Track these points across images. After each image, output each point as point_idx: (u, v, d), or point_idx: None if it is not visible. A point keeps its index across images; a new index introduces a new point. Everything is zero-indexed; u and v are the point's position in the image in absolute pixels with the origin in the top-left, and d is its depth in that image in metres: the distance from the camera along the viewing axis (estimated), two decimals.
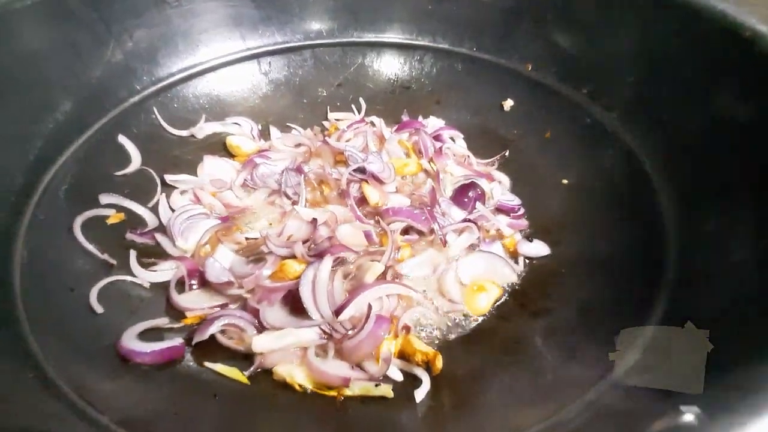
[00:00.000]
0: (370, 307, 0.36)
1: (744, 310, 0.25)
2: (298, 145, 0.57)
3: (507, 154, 0.55)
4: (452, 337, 0.37)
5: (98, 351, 0.31)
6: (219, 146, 0.56)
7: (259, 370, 0.34)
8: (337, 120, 0.62)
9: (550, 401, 0.27)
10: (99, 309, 0.34)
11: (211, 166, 0.52)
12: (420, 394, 0.32)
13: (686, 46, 0.39)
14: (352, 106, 0.63)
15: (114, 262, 0.38)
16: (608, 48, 0.46)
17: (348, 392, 0.32)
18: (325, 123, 0.62)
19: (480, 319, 0.39)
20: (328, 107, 0.63)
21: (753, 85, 0.32)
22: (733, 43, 0.34)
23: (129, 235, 0.41)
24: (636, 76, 0.44)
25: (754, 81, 0.32)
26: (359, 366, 0.34)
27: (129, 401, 0.26)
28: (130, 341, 0.31)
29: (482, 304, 0.39)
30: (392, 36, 0.63)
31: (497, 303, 0.40)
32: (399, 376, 0.34)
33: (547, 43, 0.53)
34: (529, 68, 0.56)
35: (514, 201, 0.49)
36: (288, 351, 0.34)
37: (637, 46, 0.43)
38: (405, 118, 0.62)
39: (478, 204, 0.46)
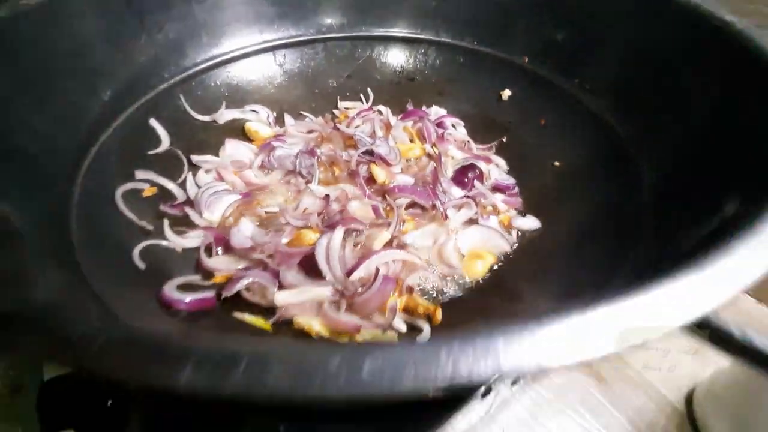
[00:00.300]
0: (377, 269, 0.41)
1: None
2: (311, 131, 0.62)
3: (504, 139, 0.60)
4: (450, 295, 0.42)
5: (143, 299, 0.35)
6: (238, 131, 0.60)
7: (280, 320, 0.39)
8: (347, 108, 0.66)
9: None
10: (141, 266, 0.39)
11: (232, 148, 0.57)
12: (421, 340, 0.36)
13: (663, 38, 0.43)
14: (361, 95, 0.67)
15: (151, 228, 0.43)
16: (596, 42, 0.51)
17: (358, 338, 0.37)
18: (336, 111, 0.67)
19: (476, 282, 0.44)
20: (338, 97, 0.68)
21: (720, 70, 0.36)
22: (704, 31, 0.38)
23: (162, 207, 0.46)
24: (620, 66, 0.48)
25: (720, 66, 0.36)
26: (368, 318, 0.39)
27: None
28: (171, 291, 0.36)
29: (478, 269, 0.44)
30: (398, 31, 0.67)
31: (492, 268, 0.45)
32: (403, 327, 0.39)
33: (541, 38, 0.57)
34: (526, 61, 0.60)
35: (510, 180, 0.53)
36: (306, 305, 0.39)
37: (621, 39, 0.47)
38: (410, 107, 0.66)
39: (477, 182, 0.51)
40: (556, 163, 0.53)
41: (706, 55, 0.37)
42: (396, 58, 0.69)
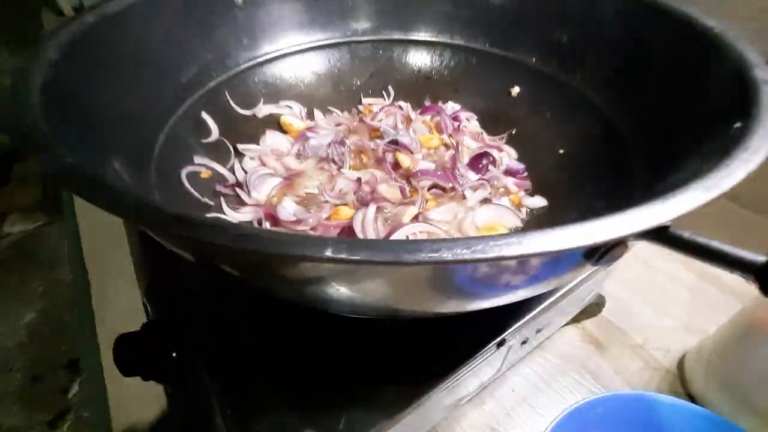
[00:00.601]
0: (408, 238, 0.47)
1: None
2: (339, 124, 0.69)
3: (514, 131, 0.67)
4: None
5: None
6: (275, 124, 0.68)
7: None
8: (370, 104, 0.73)
9: None
10: None
11: (271, 138, 0.64)
12: None
13: (655, 41, 0.49)
14: (383, 93, 0.75)
15: (212, 203, 0.50)
16: (595, 43, 0.57)
17: None
18: (359, 107, 0.74)
19: None
20: (362, 94, 0.75)
21: (702, 68, 0.43)
22: (687, 34, 0.45)
23: (217, 187, 0.53)
24: (616, 64, 0.55)
25: (703, 53, 0.42)
26: None
27: None
28: None
29: None
30: (417, 34, 0.74)
31: None
32: None
33: (547, 40, 0.64)
34: (533, 60, 0.67)
35: (520, 166, 0.60)
36: None
37: (619, 40, 0.54)
38: (427, 102, 0.73)
39: (491, 167, 0.58)
40: (561, 151, 0.59)
41: (686, 55, 0.44)
42: (414, 58, 0.76)
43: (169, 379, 0.51)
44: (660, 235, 0.21)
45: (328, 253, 0.18)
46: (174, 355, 0.47)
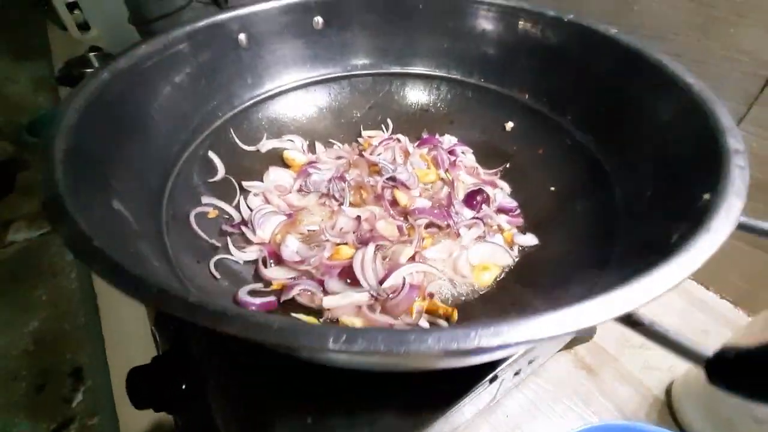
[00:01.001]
0: (404, 279, 0.50)
1: None
2: (339, 158, 0.72)
3: (508, 165, 0.69)
4: (464, 299, 0.52)
5: (224, 301, 0.45)
6: (278, 158, 0.70)
7: (328, 320, 0.48)
8: (370, 137, 0.76)
9: None
10: (217, 275, 0.49)
11: (275, 174, 0.67)
12: None
13: (638, 92, 0.52)
14: (382, 125, 0.77)
15: (219, 245, 0.53)
16: (585, 86, 0.60)
17: None
18: (359, 139, 0.77)
19: (484, 289, 0.53)
20: (362, 126, 0.78)
21: (678, 126, 0.45)
22: (667, 87, 0.47)
23: (224, 227, 0.56)
24: (604, 110, 0.57)
25: (681, 110, 0.45)
26: (399, 318, 0.48)
27: None
28: (244, 295, 0.46)
29: (486, 279, 0.53)
30: (414, 68, 0.77)
31: (498, 278, 0.54)
32: (426, 325, 0.48)
33: (539, 79, 0.67)
34: (526, 97, 0.70)
35: (512, 203, 0.63)
36: (348, 307, 0.49)
37: (605, 87, 0.57)
38: (425, 135, 0.76)
39: (484, 206, 0.60)
40: (552, 188, 0.62)
41: (665, 110, 0.46)
42: (412, 91, 0.79)
43: (179, 411, 0.54)
44: (624, 319, 0.24)
45: (330, 344, 0.21)
46: (183, 387, 0.50)
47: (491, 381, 0.49)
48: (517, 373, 0.56)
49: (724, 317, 0.74)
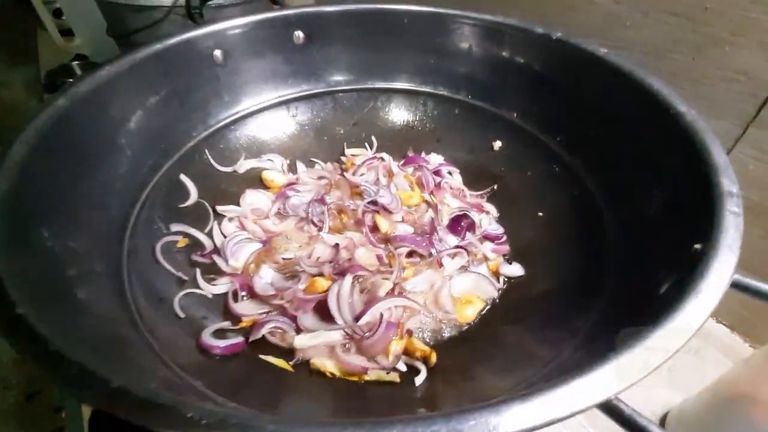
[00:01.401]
0: (381, 315, 0.47)
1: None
2: (321, 178, 0.69)
3: (495, 187, 0.67)
4: (445, 337, 0.49)
5: (183, 343, 0.42)
6: (256, 179, 0.68)
7: (299, 361, 0.45)
8: (353, 155, 0.73)
9: (523, 369, 0.38)
10: (181, 314, 0.46)
11: (252, 197, 0.64)
12: (419, 380, 0.43)
13: (630, 119, 0.49)
14: (365, 143, 0.75)
15: (186, 278, 0.50)
16: (574, 108, 0.57)
17: (366, 377, 0.43)
18: (343, 158, 0.74)
19: (467, 325, 0.50)
20: (345, 143, 0.75)
21: (671, 142, 0.43)
22: (656, 113, 0.45)
23: (194, 257, 0.53)
24: (595, 131, 0.55)
25: (671, 140, 0.42)
26: (374, 359, 0.45)
27: (208, 377, 0.37)
28: (208, 338, 0.43)
29: (469, 314, 0.50)
30: (400, 84, 0.74)
31: (481, 313, 0.51)
32: (403, 367, 0.45)
33: (528, 99, 0.64)
34: (515, 116, 0.67)
35: (499, 230, 0.60)
36: (320, 347, 0.46)
37: (595, 110, 0.54)
38: (410, 153, 0.73)
39: (468, 234, 0.57)
40: (540, 214, 0.59)
41: (657, 140, 0.44)
42: (397, 108, 0.76)
43: None
44: (602, 406, 0.21)
45: None
46: None
47: None
48: None
49: (719, 341, 0.71)
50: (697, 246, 0.30)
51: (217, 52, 0.62)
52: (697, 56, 0.62)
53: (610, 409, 0.21)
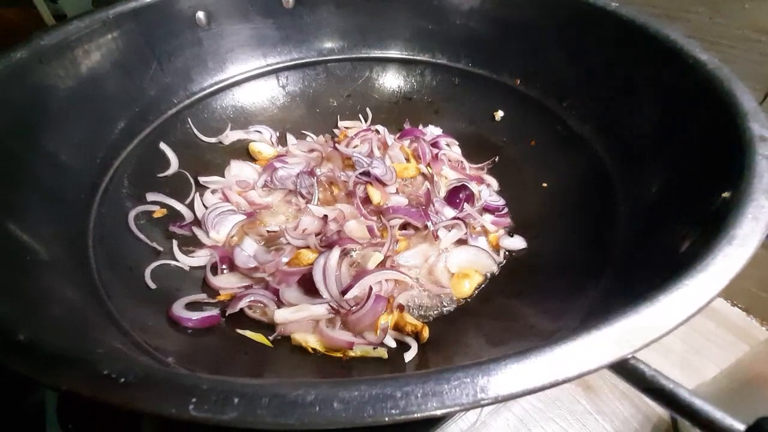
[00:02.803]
0: (371, 288, 0.44)
1: None
2: (312, 151, 0.65)
3: (496, 159, 0.63)
4: (439, 313, 0.45)
5: (154, 316, 0.39)
6: (243, 151, 0.64)
7: (279, 336, 0.42)
8: (347, 128, 0.69)
9: (524, 341, 0.34)
10: (152, 285, 0.42)
11: (237, 168, 0.60)
12: (409, 356, 0.39)
13: (645, 72, 0.45)
14: (360, 115, 0.71)
15: (161, 249, 0.47)
16: (584, 68, 0.53)
17: (351, 353, 0.40)
18: (335, 130, 0.70)
19: (463, 300, 0.46)
20: (338, 116, 0.71)
21: (692, 110, 0.38)
22: (676, 65, 0.40)
23: (171, 228, 0.50)
24: (605, 93, 0.50)
25: (694, 91, 0.38)
26: (361, 335, 0.42)
27: (180, 352, 0.34)
28: (179, 310, 0.39)
29: (466, 288, 0.46)
30: (396, 52, 0.70)
31: (479, 288, 0.47)
32: (392, 343, 0.41)
33: (532, 62, 0.59)
34: (518, 83, 0.62)
35: (499, 202, 0.56)
36: (303, 322, 0.42)
37: (607, 68, 0.50)
38: (407, 126, 0.69)
39: (466, 205, 0.53)
40: (544, 185, 0.55)
41: (676, 93, 0.39)
42: (394, 78, 0.72)
43: None
44: (615, 366, 0.17)
45: (190, 410, 0.14)
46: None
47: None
48: None
49: (735, 326, 0.67)
50: (726, 194, 0.26)
51: (200, 14, 0.58)
52: (714, 15, 0.57)
53: (628, 371, 0.17)
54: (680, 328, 0.56)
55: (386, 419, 0.15)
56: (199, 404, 0.15)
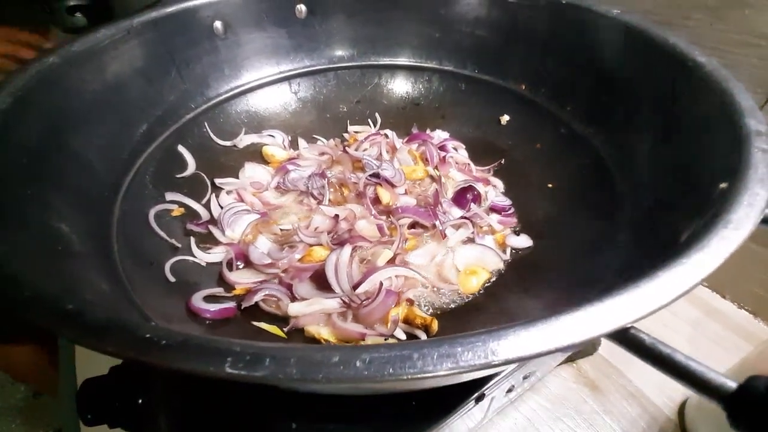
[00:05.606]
0: (381, 283, 0.45)
1: None
2: (322, 154, 0.67)
3: (502, 162, 0.64)
4: (447, 308, 0.46)
5: (174, 307, 0.40)
6: (256, 154, 0.66)
7: (293, 328, 0.43)
8: (356, 132, 0.71)
9: None
10: (172, 279, 0.44)
11: (251, 170, 0.62)
12: None
13: (646, 76, 0.47)
14: (369, 120, 0.73)
15: (179, 245, 0.48)
16: (586, 73, 0.55)
17: (363, 344, 0.41)
18: (345, 135, 0.72)
19: (471, 296, 0.48)
20: (348, 121, 0.73)
21: (691, 110, 0.40)
22: (677, 68, 0.42)
23: (189, 226, 0.52)
24: (608, 95, 0.52)
25: (693, 92, 0.39)
26: (372, 327, 0.43)
27: None
28: (198, 302, 0.41)
29: (473, 285, 0.48)
30: (404, 60, 0.72)
31: (486, 284, 0.49)
32: (402, 335, 0.43)
33: (537, 68, 0.61)
34: (523, 88, 0.64)
35: (505, 202, 0.57)
36: (316, 315, 0.44)
37: (609, 73, 0.51)
38: (414, 130, 0.71)
39: (473, 205, 0.55)
40: (550, 185, 0.56)
41: (676, 95, 0.41)
42: (402, 84, 0.74)
43: (136, 428, 0.49)
44: (618, 336, 0.18)
45: (226, 368, 0.16)
46: (140, 401, 0.45)
47: (478, 400, 0.44)
48: (510, 390, 0.50)
49: (742, 328, 0.67)
50: (724, 185, 0.27)
51: (218, 23, 0.61)
52: (715, 22, 0.59)
53: (629, 340, 0.18)
54: (686, 330, 0.57)
55: (405, 377, 0.16)
56: (234, 363, 0.16)
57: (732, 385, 0.15)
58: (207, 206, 0.56)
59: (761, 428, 0.14)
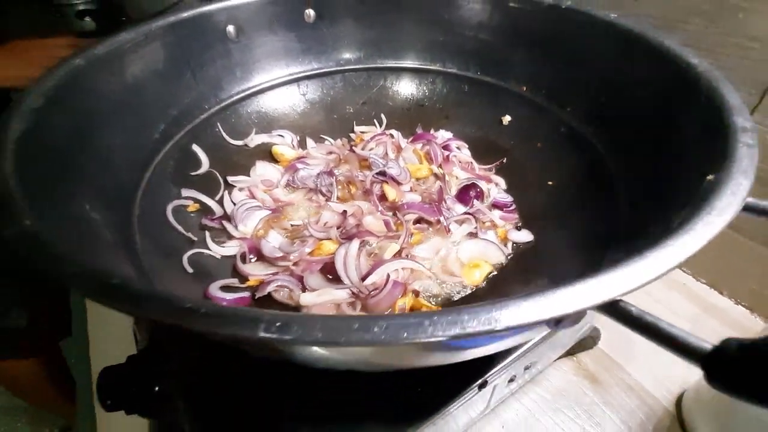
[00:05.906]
0: (388, 275, 0.47)
1: None
2: (330, 153, 0.69)
3: (504, 160, 0.66)
4: (452, 299, 0.48)
5: (192, 295, 0.42)
6: (266, 153, 0.68)
7: None
8: (362, 132, 0.74)
9: None
10: (189, 270, 0.46)
11: (262, 169, 0.64)
12: None
13: (639, 77, 0.49)
14: (375, 120, 0.75)
15: (195, 239, 0.51)
16: (585, 75, 0.57)
17: None
18: (352, 135, 0.74)
19: (474, 287, 0.50)
20: (355, 122, 0.75)
21: (683, 109, 0.42)
22: (671, 71, 0.44)
23: (204, 221, 0.54)
24: (604, 99, 0.54)
25: (685, 92, 0.41)
26: None
27: None
28: (215, 291, 0.43)
29: (476, 277, 0.50)
30: (409, 62, 0.75)
31: (489, 277, 0.51)
32: None
33: (538, 70, 0.64)
34: (524, 89, 0.66)
35: (507, 199, 0.59)
36: (326, 305, 0.46)
37: (605, 74, 0.54)
38: (419, 130, 0.73)
39: (477, 201, 0.57)
40: (550, 183, 0.59)
41: (669, 93, 0.43)
42: (407, 86, 0.76)
43: (152, 414, 0.51)
44: (609, 308, 0.20)
45: (260, 332, 0.18)
46: (156, 388, 0.48)
47: (480, 387, 0.46)
48: (512, 380, 0.52)
49: (739, 324, 0.69)
50: (710, 177, 0.29)
51: (230, 28, 0.63)
52: (710, 25, 0.61)
53: (618, 311, 0.20)
54: (685, 326, 0.59)
55: (418, 339, 0.18)
56: (267, 328, 0.18)
57: (708, 346, 0.17)
58: (220, 202, 0.58)
59: (733, 383, 0.16)
